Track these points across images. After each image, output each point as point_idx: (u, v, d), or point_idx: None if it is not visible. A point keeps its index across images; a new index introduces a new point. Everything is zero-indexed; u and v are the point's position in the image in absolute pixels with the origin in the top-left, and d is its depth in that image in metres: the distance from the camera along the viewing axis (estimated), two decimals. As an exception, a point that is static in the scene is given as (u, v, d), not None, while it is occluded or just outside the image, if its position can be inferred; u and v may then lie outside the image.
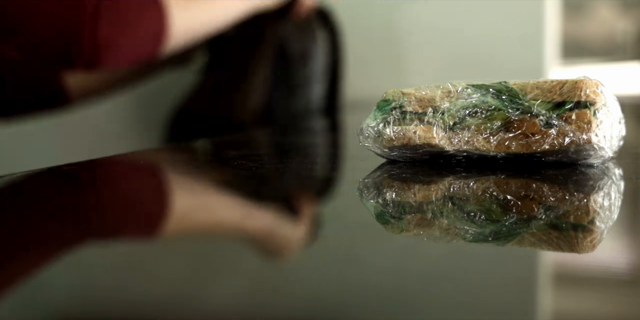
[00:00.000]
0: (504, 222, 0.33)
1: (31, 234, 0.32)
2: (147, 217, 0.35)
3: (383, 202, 0.39)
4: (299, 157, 0.58)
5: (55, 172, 0.47)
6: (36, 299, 0.24)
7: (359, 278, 0.24)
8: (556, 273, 0.27)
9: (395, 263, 0.27)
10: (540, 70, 1.19)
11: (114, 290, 0.24)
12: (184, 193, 0.43)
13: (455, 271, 0.25)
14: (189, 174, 0.49)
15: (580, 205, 0.37)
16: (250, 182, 0.45)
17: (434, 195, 0.40)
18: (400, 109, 0.46)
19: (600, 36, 2.62)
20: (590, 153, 0.43)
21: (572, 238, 0.30)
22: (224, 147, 0.67)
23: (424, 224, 0.33)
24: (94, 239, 0.32)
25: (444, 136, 0.45)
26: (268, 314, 0.22)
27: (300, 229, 0.32)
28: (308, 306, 0.22)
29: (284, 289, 0.24)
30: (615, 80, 1.67)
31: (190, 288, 0.24)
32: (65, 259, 0.29)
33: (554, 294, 0.24)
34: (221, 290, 0.24)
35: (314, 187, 0.44)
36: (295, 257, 0.28)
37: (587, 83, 0.43)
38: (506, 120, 0.44)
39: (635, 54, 2.46)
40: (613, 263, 0.27)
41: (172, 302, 0.23)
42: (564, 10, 1.58)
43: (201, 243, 0.31)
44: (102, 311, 0.22)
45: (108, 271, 0.26)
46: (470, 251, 0.28)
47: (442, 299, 0.22)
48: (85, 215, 0.36)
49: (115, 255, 0.29)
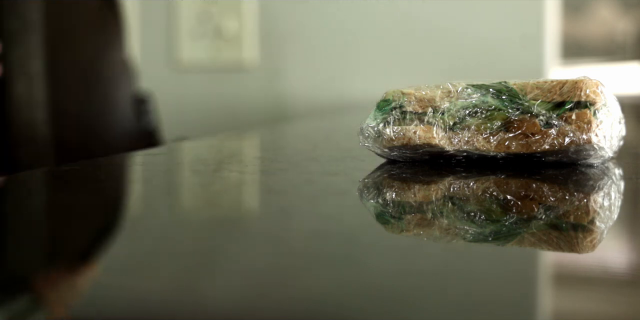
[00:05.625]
0: (504, 222, 0.33)
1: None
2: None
3: (383, 202, 0.39)
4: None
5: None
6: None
7: (358, 278, 0.24)
8: (556, 273, 0.27)
9: (395, 263, 0.27)
10: (540, 70, 1.19)
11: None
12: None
13: (455, 271, 0.25)
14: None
15: (580, 205, 0.37)
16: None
17: (434, 195, 0.40)
18: (400, 109, 0.46)
19: (600, 36, 2.62)
20: (590, 153, 0.43)
21: (572, 238, 0.30)
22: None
23: (424, 224, 0.33)
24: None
25: (444, 136, 0.45)
26: (267, 315, 0.22)
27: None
28: (307, 306, 0.22)
29: (283, 289, 0.24)
30: (615, 80, 1.67)
31: (185, 286, 0.24)
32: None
33: (554, 294, 0.24)
34: (219, 290, 0.24)
35: (315, 187, 0.44)
36: (295, 256, 0.28)
37: (587, 83, 0.43)
38: (506, 120, 0.44)
39: (635, 54, 2.46)
40: (613, 263, 0.27)
41: (170, 301, 0.23)
42: (564, 10, 1.58)
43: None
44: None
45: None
46: (470, 251, 0.28)
47: (442, 299, 0.22)
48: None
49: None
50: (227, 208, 0.39)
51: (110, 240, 0.32)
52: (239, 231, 0.33)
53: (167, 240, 0.31)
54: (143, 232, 0.33)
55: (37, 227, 0.35)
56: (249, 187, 0.46)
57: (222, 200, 0.41)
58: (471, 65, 1.22)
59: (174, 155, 0.65)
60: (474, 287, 0.24)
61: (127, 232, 0.34)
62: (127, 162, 0.57)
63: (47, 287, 0.25)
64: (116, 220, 0.37)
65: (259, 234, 0.32)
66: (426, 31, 1.24)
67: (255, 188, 0.46)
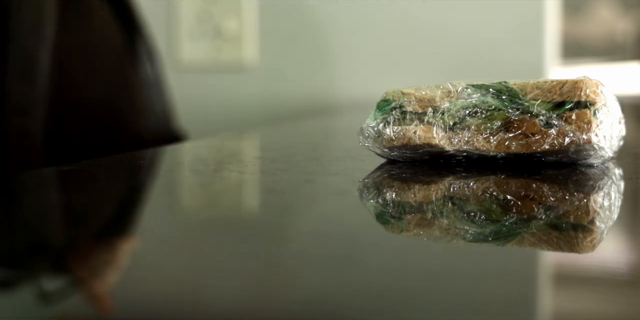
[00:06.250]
0: (504, 222, 0.33)
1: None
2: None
3: (383, 202, 0.39)
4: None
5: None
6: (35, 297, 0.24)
7: (359, 278, 0.24)
8: (556, 273, 0.27)
9: (395, 263, 0.27)
10: (540, 70, 1.19)
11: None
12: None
13: (455, 271, 0.25)
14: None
15: (580, 205, 0.37)
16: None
17: (434, 195, 0.40)
18: (400, 109, 0.46)
19: (600, 36, 2.62)
20: (590, 153, 0.43)
21: (572, 238, 0.30)
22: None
23: (424, 224, 0.33)
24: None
25: (444, 136, 0.45)
26: (267, 315, 0.22)
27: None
28: (307, 306, 0.22)
29: (282, 289, 0.24)
30: (615, 80, 1.67)
31: (185, 286, 0.24)
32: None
33: (554, 294, 0.24)
34: (219, 290, 0.24)
35: (315, 186, 0.44)
36: (295, 256, 0.28)
37: (587, 83, 0.43)
38: (506, 120, 0.44)
39: (635, 54, 2.46)
40: (613, 263, 0.27)
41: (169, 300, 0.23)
42: (564, 10, 1.58)
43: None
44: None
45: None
46: (470, 251, 0.28)
47: (442, 299, 0.22)
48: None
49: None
50: (227, 208, 0.39)
51: (110, 241, 0.32)
52: (238, 231, 0.33)
53: (167, 240, 0.31)
54: (143, 232, 0.33)
55: (37, 227, 0.35)
56: (249, 187, 0.46)
57: (222, 200, 0.41)
58: (471, 65, 1.22)
59: (174, 155, 0.65)
60: (474, 287, 0.24)
61: (127, 232, 0.34)
62: (127, 162, 0.57)
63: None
64: (116, 221, 0.37)
65: (258, 234, 0.32)
66: (426, 31, 1.24)
67: (255, 188, 0.46)
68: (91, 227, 0.35)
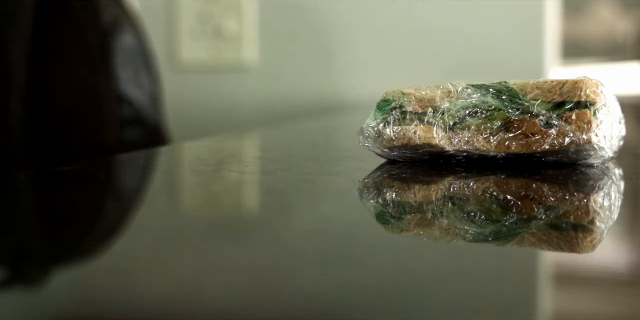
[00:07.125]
0: (504, 222, 0.33)
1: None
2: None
3: (383, 202, 0.39)
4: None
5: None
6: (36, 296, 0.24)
7: (359, 278, 0.24)
8: (556, 273, 0.27)
9: (395, 263, 0.27)
10: (540, 70, 1.19)
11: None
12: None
13: (455, 271, 0.25)
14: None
15: (580, 205, 0.37)
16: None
17: (434, 195, 0.40)
18: (400, 109, 0.46)
19: (600, 36, 2.62)
20: (590, 153, 0.43)
21: (572, 238, 0.30)
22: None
23: (424, 224, 0.33)
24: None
25: (444, 136, 0.45)
26: (267, 315, 0.22)
27: None
28: (307, 306, 0.22)
29: (282, 289, 0.24)
30: (615, 80, 1.67)
31: (185, 286, 0.24)
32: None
33: (554, 294, 0.24)
34: (219, 290, 0.24)
35: (315, 186, 0.44)
36: (295, 256, 0.28)
37: (587, 83, 0.43)
38: (506, 120, 0.44)
39: (635, 54, 2.46)
40: (613, 263, 0.27)
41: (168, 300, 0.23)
42: (564, 10, 1.58)
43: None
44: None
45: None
46: (470, 251, 0.28)
47: (442, 299, 0.22)
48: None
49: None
50: (227, 208, 0.39)
51: (110, 241, 0.32)
52: (238, 231, 0.33)
53: (167, 240, 0.31)
54: (143, 232, 0.33)
55: (37, 226, 0.35)
56: (249, 187, 0.46)
57: (222, 200, 0.41)
58: (471, 65, 1.22)
59: (174, 155, 0.65)
60: (474, 287, 0.24)
61: (126, 232, 0.34)
62: (127, 162, 0.57)
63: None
64: (115, 221, 0.37)
65: (258, 234, 0.32)
66: (426, 31, 1.24)
67: (255, 188, 0.46)
68: (91, 227, 0.35)
